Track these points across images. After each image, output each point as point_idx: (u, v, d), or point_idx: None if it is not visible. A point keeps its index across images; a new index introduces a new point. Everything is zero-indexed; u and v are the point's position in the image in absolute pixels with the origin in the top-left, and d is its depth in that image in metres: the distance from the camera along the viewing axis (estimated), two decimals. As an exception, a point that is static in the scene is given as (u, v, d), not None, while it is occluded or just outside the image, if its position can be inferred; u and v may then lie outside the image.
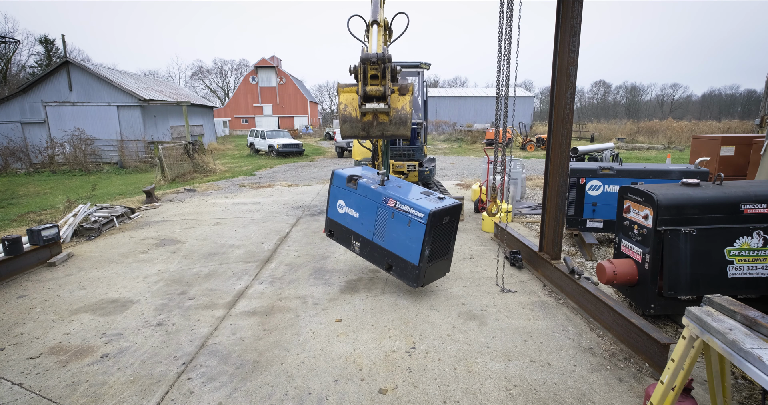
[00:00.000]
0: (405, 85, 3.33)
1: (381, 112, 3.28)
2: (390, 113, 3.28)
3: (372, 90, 3.25)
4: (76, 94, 19.71)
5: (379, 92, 3.24)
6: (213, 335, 3.66)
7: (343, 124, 3.41)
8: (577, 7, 4.12)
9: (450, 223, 4.06)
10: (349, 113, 3.34)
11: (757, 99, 54.68)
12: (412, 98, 3.34)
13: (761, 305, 3.62)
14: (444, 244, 4.17)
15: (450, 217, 3.99)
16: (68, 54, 25.79)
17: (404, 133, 3.37)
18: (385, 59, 3.19)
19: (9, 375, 3.10)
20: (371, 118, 3.33)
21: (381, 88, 3.23)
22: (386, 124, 3.34)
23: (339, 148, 22.30)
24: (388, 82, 3.23)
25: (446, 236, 4.13)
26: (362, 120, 3.35)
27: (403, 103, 3.30)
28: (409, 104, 3.29)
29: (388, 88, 3.21)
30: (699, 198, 3.46)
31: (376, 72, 3.24)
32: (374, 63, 3.21)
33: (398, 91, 3.32)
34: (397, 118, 3.31)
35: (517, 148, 24.79)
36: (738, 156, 9.16)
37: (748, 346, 1.73)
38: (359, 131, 3.42)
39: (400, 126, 3.34)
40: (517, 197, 9.15)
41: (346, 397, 2.82)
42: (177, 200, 10.16)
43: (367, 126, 3.37)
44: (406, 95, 3.31)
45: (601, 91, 72.22)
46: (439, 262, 4.23)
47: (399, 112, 3.30)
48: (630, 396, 2.80)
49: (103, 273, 5.22)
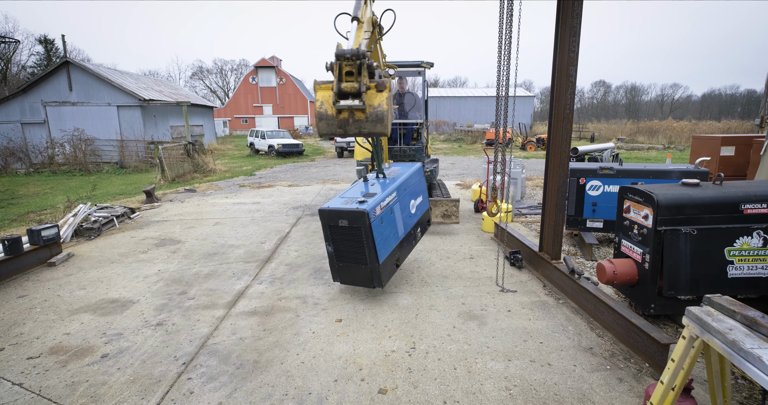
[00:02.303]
0: (382, 81, 3.27)
1: (357, 110, 3.24)
2: (366, 110, 3.23)
3: (347, 87, 3.20)
4: (76, 94, 19.72)
5: (354, 89, 3.19)
6: (213, 335, 3.66)
7: (320, 122, 3.38)
8: (577, 7, 4.12)
9: (351, 229, 3.84)
10: (325, 110, 3.31)
11: (757, 99, 54.68)
12: (389, 95, 3.28)
13: (761, 305, 3.62)
14: (352, 250, 3.96)
15: (348, 222, 3.81)
16: (68, 54, 25.79)
17: (381, 130, 3.31)
18: (359, 55, 3.14)
19: (9, 375, 3.10)
20: (347, 116, 3.29)
21: (356, 85, 3.18)
22: (363, 121, 3.28)
23: (339, 148, 22.29)
24: (364, 79, 3.18)
25: (351, 241, 3.92)
26: (338, 117, 3.31)
27: (379, 100, 3.24)
28: (386, 101, 3.23)
29: (363, 85, 3.16)
30: (699, 198, 3.46)
31: (351, 68, 3.19)
32: (349, 59, 3.16)
33: (375, 88, 3.27)
34: (373, 116, 3.25)
35: (517, 148, 24.79)
36: (738, 156, 9.15)
37: (748, 346, 1.73)
38: (336, 129, 3.37)
39: (377, 123, 3.27)
40: (517, 197, 9.15)
41: (346, 397, 2.82)
42: (177, 200, 10.16)
43: (344, 123, 3.32)
44: (384, 92, 3.25)
45: (601, 91, 72.26)
46: (353, 268, 4.05)
47: (375, 109, 3.24)
48: (630, 396, 2.80)
49: (103, 273, 5.22)
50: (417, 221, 4.71)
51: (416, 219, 4.68)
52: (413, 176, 4.77)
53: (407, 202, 4.52)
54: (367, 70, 3.24)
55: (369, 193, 4.14)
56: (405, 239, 4.47)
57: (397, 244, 4.27)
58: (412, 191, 4.65)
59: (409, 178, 4.67)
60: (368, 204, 3.84)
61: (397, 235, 4.28)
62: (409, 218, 4.55)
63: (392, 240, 4.19)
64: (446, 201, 6.70)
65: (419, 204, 4.80)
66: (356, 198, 4.03)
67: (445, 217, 6.75)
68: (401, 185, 4.42)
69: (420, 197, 4.85)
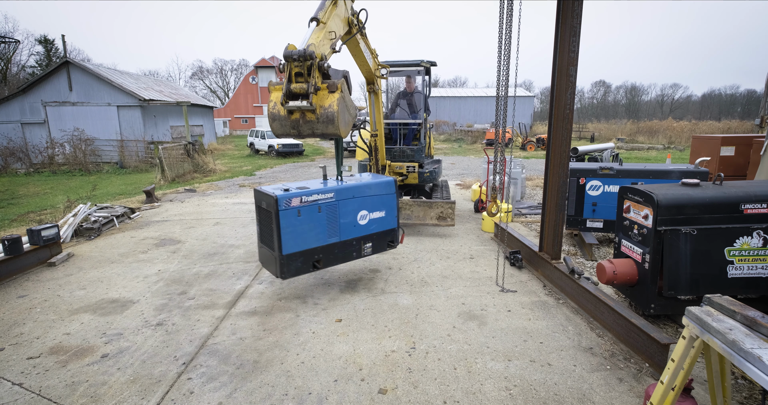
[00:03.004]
0: (333, 82, 3.26)
1: (307, 111, 3.24)
2: (316, 111, 3.24)
3: (296, 88, 3.20)
4: (76, 94, 19.72)
5: (303, 90, 3.19)
6: (213, 335, 3.66)
7: (273, 123, 3.39)
8: (577, 7, 4.12)
9: (266, 212, 3.96)
10: (278, 111, 3.32)
11: (757, 99, 54.69)
12: (341, 96, 3.27)
13: (761, 305, 3.62)
14: (267, 233, 4.09)
15: (266, 205, 3.93)
16: (68, 54, 25.79)
17: (333, 131, 3.31)
18: (306, 56, 3.13)
19: (9, 375, 3.10)
20: (299, 117, 3.30)
21: (305, 86, 3.19)
22: (314, 122, 3.29)
23: (339, 148, 22.26)
24: (314, 80, 3.18)
25: (266, 224, 4.04)
26: (290, 118, 3.32)
27: (330, 101, 3.23)
28: (337, 102, 3.22)
29: (311, 86, 3.16)
30: (699, 198, 3.46)
31: (300, 69, 3.20)
32: (296, 60, 3.16)
33: (327, 89, 3.27)
34: (324, 117, 3.25)
35: (517, 148, 24.79)
36: (738, 156, 9.16)
37: (748, 346, 1.73)
38: (289, 129, 3.38)
39: (328, 124, 3.27)
40: (517, 197, 9.15)
41: (346, 397, 2.82)
42: (177, 200, 10.16)
43: (296, 124, 3.33)
44: (335, 93, 3.24)
45: (601, 91, 72.21)
46: (266, 252, 4.17)
47: (326, 110, 3.23)
48: (630, 396, 2.80)
49: (103, 273, 5.22)
50: (367, 235, 4.50)
51: (365, 232, 4.48)
52: (372, 188, 4.46)
53: (352, 209, 4.35)
54: (319, 70, 3.23)
55: (303, 187, 4.19)
56: (339, 246, 4.34)
57: (322, 246, 4.19)
58: (366, 203, 4.43)
59: (365, 188, 4.41)
60: (285, 193, 3.90)
61: (321, 235, 4.19)
62: (353, 227, 4.38)
63: (311, 238, 4.13)
64: (441, 203, 6.61)
65: (377, 219, 4.55)
66: (287, 187, 4.15)
67: (440, 219, 6.64)
68: (344, 190, 4.30)
69: (380, 213, 4.56)
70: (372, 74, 5.66)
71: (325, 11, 3.69)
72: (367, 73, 5.62)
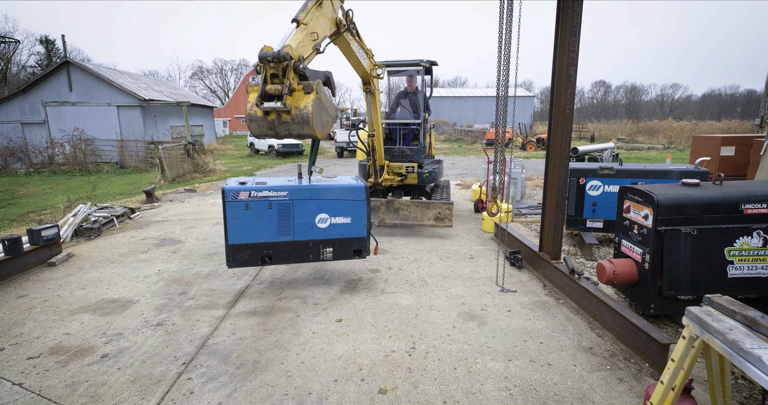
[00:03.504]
0: (309, 83, 3.27)
1: (282, 112, 3.25)
2: (291, 112, 3.24)
3: (271, 89, 3.22)
4: (76, 94, 19.71)
5: (278, 91, 3.20)
6: (213, 335, 3.66)
7: (250, 123, 3.40)
8: (577, 7, 4.12)
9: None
10: (255, 112, 3.33)
11: (757, 99, 54.68)
12: (317, 97, 3.28)
13: (761, 305, 3.62)
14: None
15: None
16: (68, 54, 25.80)
17: (309, 132, 3.32)
18: (280, 58, 3.14)
19: (9, 375, 3.10)
20: (275, 118, 3.31)
21: (280, 87, 3.20)
22: (290, 123, 3.30)
23: (339, 148, 22.30)
24: (289, 81, 3.19)
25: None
26: (267, 119, 3.33)
27: (305, 102, 3.24)
28: (312, 103, 3.23)
29: (285, 87, 3.17)
30: (699, 198, 3.46)
31: (275, 70, 3.21)
32: (271, 61, 3.17)
33: (302, 90, 3.28)
34: (299, 118, 3.26)
35: (517, 148, 24.79)
36: (738, 156, 9.16)
37: (748, 346, 1.73)
38: (266, 130, 3.40)
39: (303, 125, 3.28)
40: (517, 197, 9.15)
41: (346, 397, 2.82)
42: (177, 200, 10.16)
43: (273, 125, 3.34)
44: (311, 94, 3.25)
45: (601, 91, 72.22)
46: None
47: (301, 111, 3.24)
48: (630, 396, 2.80)
49: (103, 273, 5.22)
50: (327, 239, 4.43)
51: (325, 236, 4.41)
52: (336, 192, 4.36)
53: (309, 211, 4.33)
54: (295, 72, 3.24)
55: (262, 182, 4.33)
56: (292, 245, 4.38)
57: (272, 242, 4.31)
58: (327, 206, 4.36)
59: (326, 191, 4.35)
60: (233, 186, 4.15)
61: (271, 232, 4.30)
62: (310, 229, 4.36)
63: (260, 233, 4.27)
64: (439, 203, 6.52)
65: (340, 224, 4.41)
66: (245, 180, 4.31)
67: (437, 220, 6.54)
68: (302, 190, 4.32)
69: (344, 218, 4.40)
70: (367, 74, 5.63)
71: (306, 12, 3.69)
72: (362, 73, 5.59)
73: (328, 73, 3.86)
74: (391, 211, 6.65)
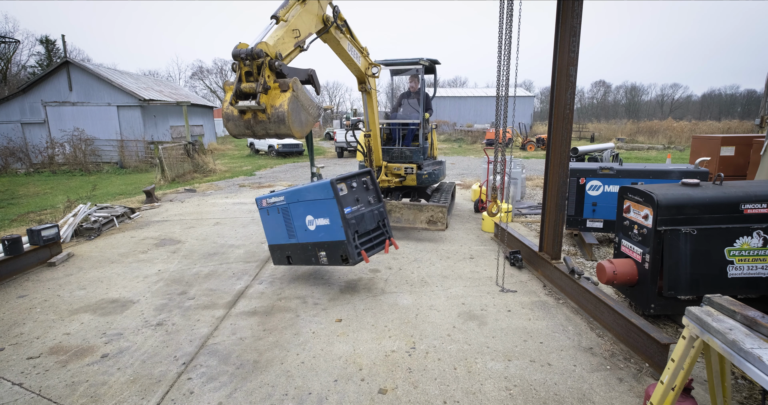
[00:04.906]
0: (285, 81, 3.20)
1: (258, 110, 3.20)
2: (267, 111, 3.19)
3: (246, 87, 3.17)
4: (76, 94, 19.71)
5: (252, 89, 3.15)
6: (213, 335, 3.66)
7: (227, 123, 3.36)
8: (577, 7, 4.12)
9: None
10: (231, 112, 3.29)
11: (757, 99, 54.67)
12: (293, 95, 3.21)
13: (761, 305, 3.62)
14: None
15: None
16: (68, 54, 25.82)
17: (285, 131, 3.26)
18: (254, 55, 3.08)
19: (9, 375, 3.10)
20: (251, 117, 3.26)
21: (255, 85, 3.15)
22: (266, 122, 3.25)
23: (339, 148, 22.30)
24: (264, 79, 3.13)
25: None
26: (243, 118, 3.28)
27: (281, 101, 3.17)
28: (288, 102, 3.16)
29: (260, 85, 3.12)
30: (699, 198, 3.46)
31: (249, 68, 3.16)
32: (244, 59, 3.12)
33: (279, 88, 3.22)
34: (275, 117, 3.20)
35: (517, 148, 24.79)
36: (738, 156, 9.15)
37: (748, 346, 1.73)
38: (243, 129, 3.36)
39: (279, 124, 3.22)
40: (517, 197, 9.15)
41: (346, 397, 2.82)
42: (177, 200, 10.16)
43: (249, 124, 3.30)
44: (287, 92, 3.19)
45: (601, 91, 72.16)
46: None
47: (276, 110, 3.17)
48: (630, 396, 2.80)
49: (103, 273, 5.22)
50: (318, 242, 4.31)
51: (316, 239, 4.30)
52: (311, 192, 4.26)
53: (301, 213, 4.34)
54: (270, 69, 3.18)
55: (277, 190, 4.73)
56: (299, 247, 4.48)
57: (288, 244, 4.62)
58: (310, 207, 4.29)
59: (305, 192, 4.32)
60: (260, 196, 4.77)
61: (284, 235, 4.63)
62: (305, 231, 4.35)
63: (280, 235, 4.66)
64: (432, 206, 6.30)
65: (323, 226, 4.22)
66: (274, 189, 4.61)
67: (430, 223, 6.31)
68: (291, 193, 4.40)
69: (324, 219, 4.20)
70: (362, 73, 5.56)
71: (287, 9, 3.63)
72: (357, 72, 5.52)
73: (310, 70, 3.77)
74: None
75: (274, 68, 3.22)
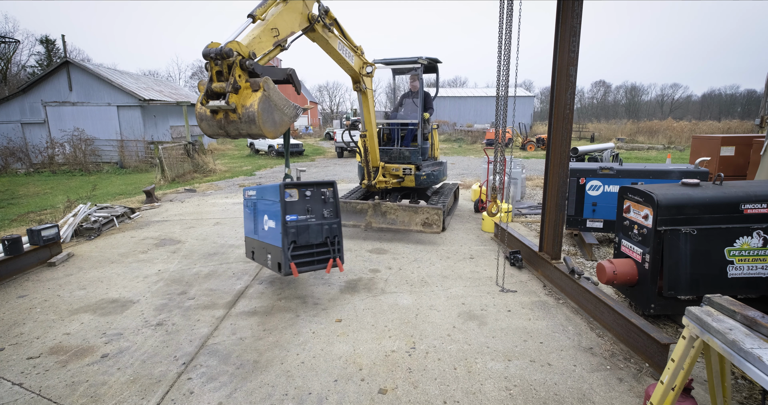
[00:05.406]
0: (256, 81, 3.16)
1: (228, 110, 3.16)
2: (238, 111, 3.15)
3: (217, 87, 3.14)
4: (76, 94, 19.72)
5: (223, 89, 3.12)
6: (213, 335, 3.66)
7: (201, 123, 3.33)
8: (577, 7, 4.12)
9: None
10: (204, 112, 3.26)
11: (757, 99, 54.67)
12: (264, 95, 3.16)
13: (761, 305, 3.62)
14: None
15: None
16: (68, 54, 25.81)
17: (257, 132, 3.21)
18: (223, 54, 3.04)
19: (9, 375, 3.10)
20: (222, 117, 3.22)
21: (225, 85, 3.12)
22: (237, 122, 3.20)
23: (339, 148, 22.30)
24: (234, 78, 3.09)
25: None
26: (215, 118, 3.24)
27: (252, 101, 3.13)
28: (259, 102, 3.11)
29: (230, 84, 3.08)
30: (699, 198, 3.46)
31: (220, 68, 3.12)
32: (214, 58, 3.08)
33: (250, 88, 3.18)
34: (245, 117, 3.15)
35: (517, 148, 24.79)
36: (738, 156, 9.15)
37: (748, 346, 1.73)
38: (217, 129, 3.32)
39: (250, 124, 3.16)
40: (517, 197, 9.15)
41: (346, 397, 2.82)
42: (177, 200, 10.16)
43: (222, 124, 3.26)
44: (258, 92, 3.15)
45: (601, 91, 72.20)
46: None
47: (247, 109, 3.12)
48: (630, 396, 2.80)
49: (103, 273, 5.22)
50: (267, 244, 4.21)
51: (266, 240, 4.22)
52: (267, 192, 4.22)
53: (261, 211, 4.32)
54: (242, 69, 3.15)
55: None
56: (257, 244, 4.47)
57: (253, 239, 4.61)
58: (267, 208, 4.21)
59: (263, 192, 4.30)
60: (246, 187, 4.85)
61: (252, 229, 4.65)
62: (262, 230, 4.29)
63: (250, 229, 4.70)
64: (427, 208, 6.14)
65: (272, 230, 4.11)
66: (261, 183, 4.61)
67: (425, 225, 6.15)
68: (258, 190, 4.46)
69: (273, 222, 4.10)
70: (356, 72, 5.50)
71: (265, 8, 3.58)
72: (350, 71, 5.46)
73: (290, 70, 3.71)
74: (378, 214, 6.42)
75: (246, 67, 3.17)
